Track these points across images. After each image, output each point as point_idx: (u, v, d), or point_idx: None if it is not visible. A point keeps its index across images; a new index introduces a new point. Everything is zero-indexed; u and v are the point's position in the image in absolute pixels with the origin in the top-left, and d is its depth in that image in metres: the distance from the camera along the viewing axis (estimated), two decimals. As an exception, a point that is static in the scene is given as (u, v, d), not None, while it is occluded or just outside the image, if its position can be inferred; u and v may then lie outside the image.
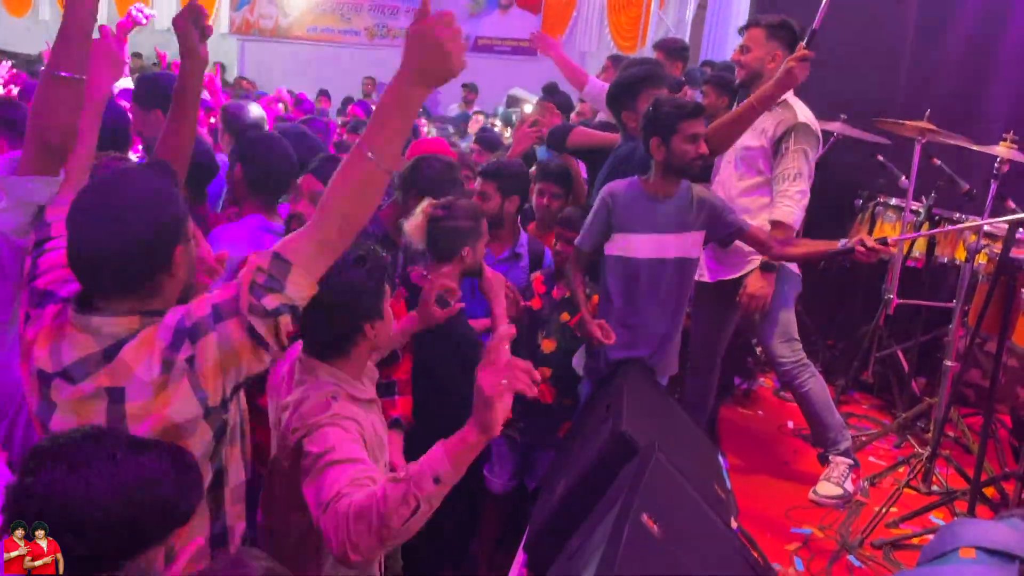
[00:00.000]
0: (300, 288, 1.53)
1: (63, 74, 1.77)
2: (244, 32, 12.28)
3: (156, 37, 11.64)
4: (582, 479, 2.28)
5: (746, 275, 3.36)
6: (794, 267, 3.48)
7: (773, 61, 3.36)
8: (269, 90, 9.47)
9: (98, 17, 1.89)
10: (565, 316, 2.94)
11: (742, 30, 3.54)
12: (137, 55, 8.92)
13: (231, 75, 10.98)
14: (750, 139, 3.36)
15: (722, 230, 2.97)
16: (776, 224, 3.25)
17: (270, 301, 1.50)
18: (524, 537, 2.39)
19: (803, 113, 3.30)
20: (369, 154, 1.55)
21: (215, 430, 1.57)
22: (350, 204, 1.57)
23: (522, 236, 3.45)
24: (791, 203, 3.23)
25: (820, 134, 3.39)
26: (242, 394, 1.69)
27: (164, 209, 1.54)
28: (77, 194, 1.57)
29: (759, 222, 3.30)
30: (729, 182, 3.47)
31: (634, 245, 2.87)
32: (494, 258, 3.26)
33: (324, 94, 9.34)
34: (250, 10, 12.20)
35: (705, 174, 3.64)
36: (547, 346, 2.95)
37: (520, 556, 2.34)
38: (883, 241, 2.83)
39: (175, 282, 1.58)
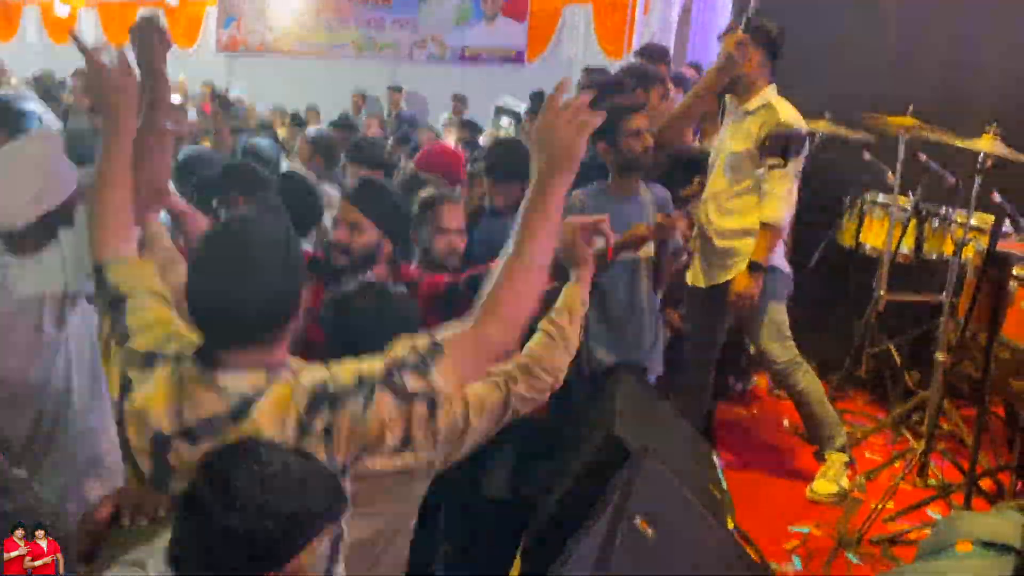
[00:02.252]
0: (446, 380, 1.48)
1: None
2: (231, 49, 12.30)
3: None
4: (576, 485, 2.28)
5: (732, 280, 3.39)
6: (785, 266, 3.50)
7: (751, 65, 3.39)
8: (259, 106, 9.49)
9: (86, 37, 1.87)
10: None
11: (720, 39, 3.62)
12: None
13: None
14: (736, 144, 3.39)
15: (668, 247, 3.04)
16: (766, 224, 3.27)
17: (413, 383, 1.46)
18: (520, 544, 2.39)
19: (785, 113, 3.33)
20: (528, 259, 1.56)
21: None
22: (514, 307, 1.56)
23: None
24: (780, 203, 3.26)
25: (805, 132, 3.41)
26: None
27: (292, 252, 1.48)
28: (199, 242, 1.53)
29: (744, 224, 3.33)
30: (718, 185, 3.49)
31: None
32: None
33: (313, 110, 9.34)
34: (237, 27, 12.21)
35: (687, 177, 3.66)
36: None
37: (517, 563, 2.33)
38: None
39: (295, 328, 1.53)
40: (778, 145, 3.20)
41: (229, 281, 1.42)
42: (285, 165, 4.26)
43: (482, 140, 6.04)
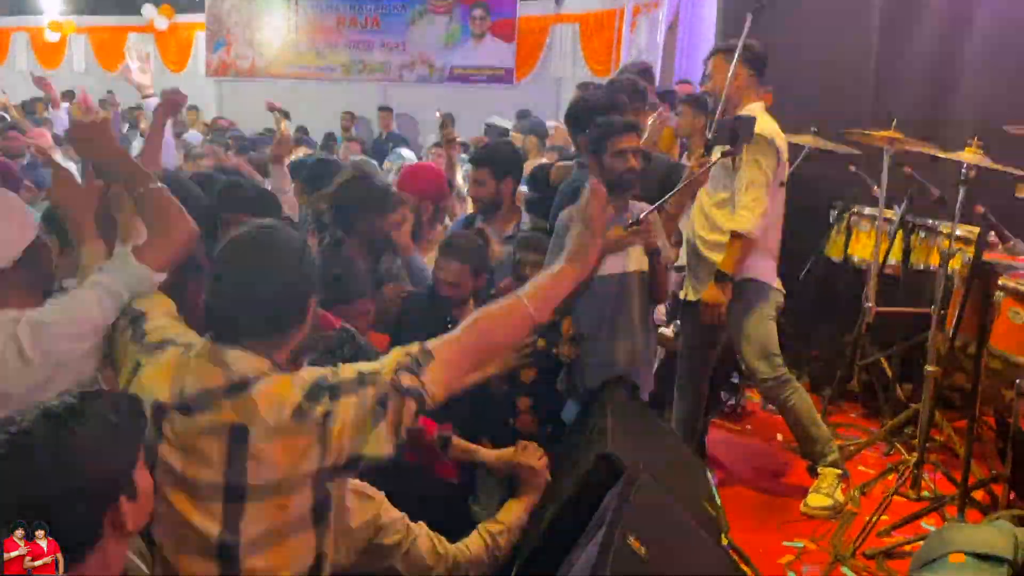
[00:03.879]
0: (434, 381, 1.60)
1: None
2: (221, 73, 12.34)
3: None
4: (569, 504, 2.27)
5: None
6: (775, 282, 3.51)
7: (737, 79, 3.42)
8: (246, 129, 9.50)
9: (76, 63, 1.90)
10: (542, 342, 2.94)
11: (705, 61, 3.64)
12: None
13: (207, 116, 11.01)
14: (716, 156, 3.41)
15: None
16: (734, 234, 3.31)
17: (406, 380, 1.57)
18: (514, 566, 2.38)
19: (761, 125, 3.36)
20: (529, 306, 1.71)
21: (317, 497, 1.58)
22: (497, 333, 1.73)
23: (523, 215, 3.56)
24: (746, 212, 3.30)
25: (781, 144, 3.42)
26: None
27: (304, 260, 1.63)
28: (226, 241, 1.64)
29: (728, 236, 3.36)
30: (705, 200, 3.52)
31: (600, 262, 2.91)
32: (501, 235, 3.36)
33: (302, 131, 9.36)
34: (226, 51, 12.26)
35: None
36: (526, 375, 2.95)
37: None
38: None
39: (302, 336, 1.65)
40: (726, 131, 3.22)
41: (247, 276, 1.57)
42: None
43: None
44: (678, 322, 3.81)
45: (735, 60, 3.41)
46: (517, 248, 3.14)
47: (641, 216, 2.80)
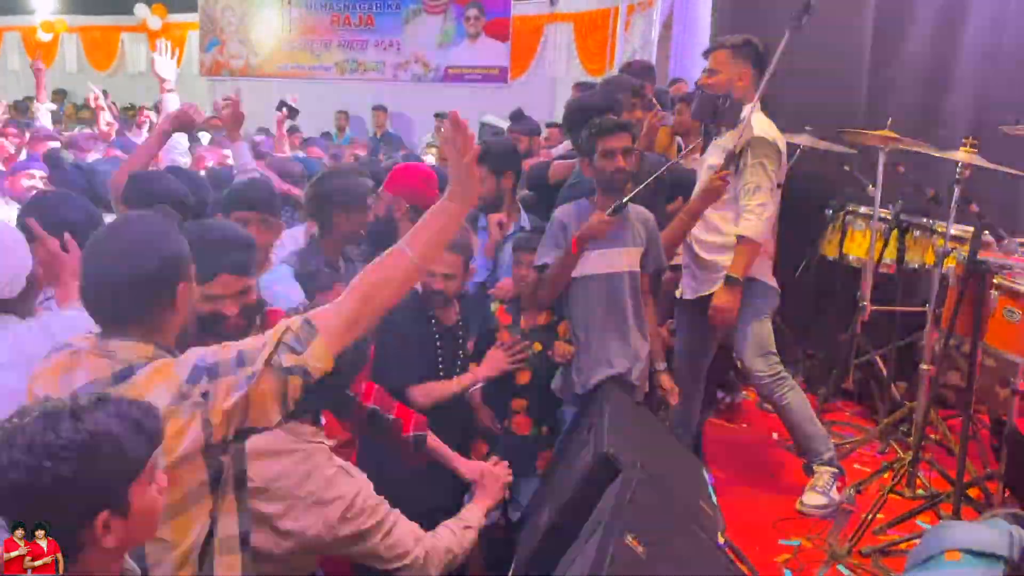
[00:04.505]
0: (318, 357, 1.62)
1: None
2: (214, 73, 12.31)
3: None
4: (567, 504, 2.28)
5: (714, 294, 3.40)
6: (771, 281, 3.52)
7: (741, 80, 3.41)
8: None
9: (68, 63, 1.96)
10: (538, 346, 2.94)
11: (707, 54, 3.59)
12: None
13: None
14: (714, 158, 3.41)
15: (650, 264, 3.08)
16: (741, 239, 3.30)
17: (287, 359, 1.60)
18: (511, 568, 2.38)
19: (760, 127, 3.36)
20: (409, 252, 1.72)
21: (211, 471, 1.62)
22: (382, 290, 1.71)
23: (523, 211, 3.56)
24: (753, 217, 3.29)
25: (782, 146, 3.44)
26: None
27: (167, 247, 1.67)
28: (93, 235, 1.71)
29: (726, 238, 3.35)
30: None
31: (590, 263, 2.92)
32: (502, 233, 3.37)
33: (295, 130, 9.34)
34: (220, 51, 12.24)
35: (672, 194, 3.70)
36: (522, 378, 2.95)
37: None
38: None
39: (176, 319, 1.69)
40: (708, 108, 3.20)
41: (105, 263, 1.64)
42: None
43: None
44: (673, 321, 3.82)
45: (740, 58, 3.39)
46: (513, 248, 3.14)
47: (624, 200, 2.80)
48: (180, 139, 4.31)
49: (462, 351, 2.91)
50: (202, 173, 4.25)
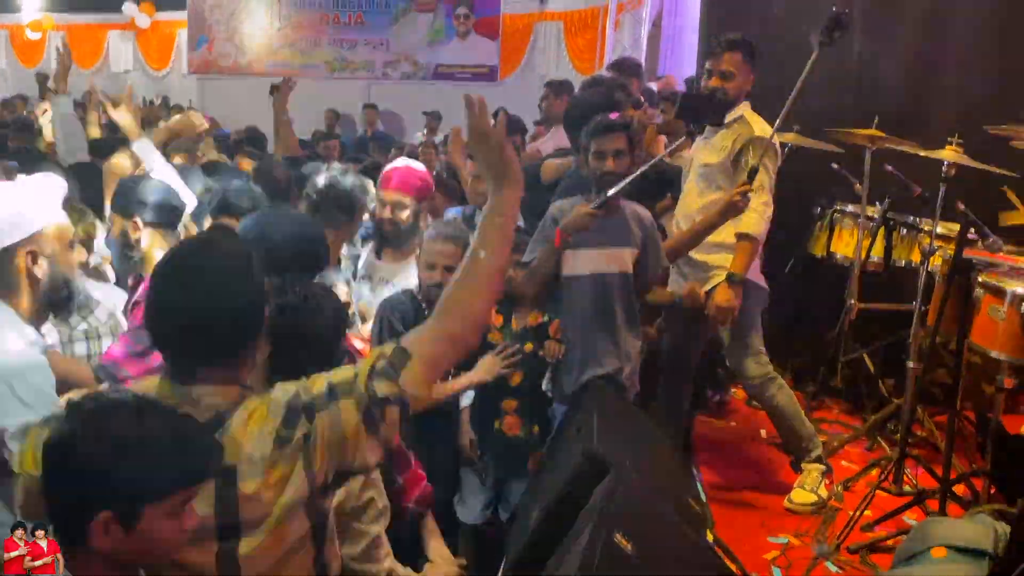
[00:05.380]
0: (415, 382, 1.51)
1: None
2: (203, 71, 12.26)
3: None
4: (556, 504, 2.28)
5: (714, 287, 3.41)
6: (761, 281, 3.53)
7: (747, 85, 3.41)
8: (230, 127, 9.44)
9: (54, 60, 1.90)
10: (529, 346, 2.95)
11: (717, 53, 3.43)
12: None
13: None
14: (709, 156, 3.42)
15: (651, 266, 3.03)
16: (743, 236, 3.30)
17: (382, 388, 1.49)
18: (501, 567, 2.39)
19: (760, 127, 3.36)
20: (483, 254, 1.62)
21: (314, 520, 1.52)
22: (473, 303, 1.62)
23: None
24: (756, 215, 3.29)
25: (779, 146, 3.45)
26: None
27: (255, 272, 1.51)
28: (161, 261, 1.53)
29: (722, 237, 3.36)
30: (689, 197, 3.53)
31: (580, 263, 2.92)
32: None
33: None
34: (208, 49, 12.19)
35: (661, 191, 3.70)
36: (513, 379, 2.95)
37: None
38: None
39: (263, 352, 1.55)
40: (692, 108, 3.16)
41: (194, 297, 1.44)
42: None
43: None
44: (662, 319, 3.83)
45: (750, 62, 3.38)
46: None
47: (609, 193, 2.79)
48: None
49: None
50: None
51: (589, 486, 2.19)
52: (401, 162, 3.49)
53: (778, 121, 3.16)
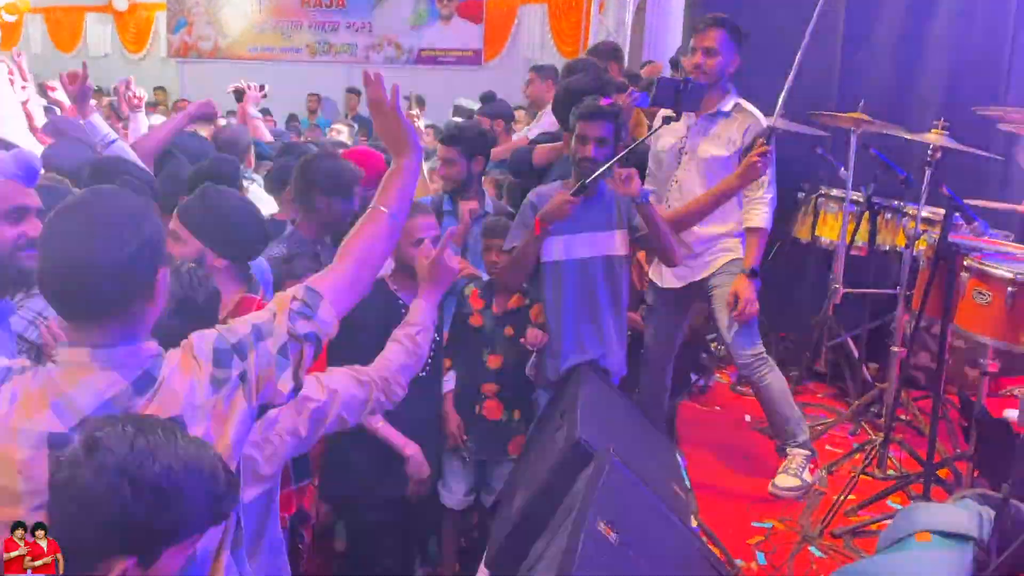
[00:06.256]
0: (328, 320, 1.62)
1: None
2: (183, 55, 12.11)
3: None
4: (540, 490, 2.27)
5: (712, 275, 3.39)
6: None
7: (732, 65, 3.37)
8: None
9: (33, 44, 1.81)
10: (509, 330, 2.92)
11: (701, 31, 3.39)
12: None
13: (171, 98, 10.80)
14: (716, 148, 3.37)
15: (653, 240, 2.98)
16: (754, 231, 3.30)
17: (302, 326, 1.57)
18: (484, 553, 2.37)
19: (763, 117, 3.35)
20: (384, 209, 1.79)
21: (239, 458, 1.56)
22: (372, 250, 1.77)
23: (487, 196, 3.53)
24: (766, 208, 3.30)
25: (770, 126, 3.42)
26: None
27: (144, 228, 1.42)
28: (50, 215, 1.44)
29: (728, 228, 3.34)
30: (693, 192, 3.43)
31: (562, 248, 2.89)
32: (471, 216, 3.32)
33: (267, 113, 9.23)
34: (187, 32, 12.03)
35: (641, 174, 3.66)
36: (493, 362, 2.93)
37: (482, 572, 2.31)
38: None
39: (155, 310, 1.46)
40: (670, 92, 3.10)
41: (73, 250, 1.37)
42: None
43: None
44: (645, 306, 3.81)
45: (735, 41, 3.33)
46: (482, 234, 3.11)
47: (587, 181, 2.76)
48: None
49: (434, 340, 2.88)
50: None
51: (573, 472, 2.17)
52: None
53: (778, 108, 3.15)
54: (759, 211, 3.30)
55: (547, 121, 4.22)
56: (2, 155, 1.89)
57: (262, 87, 4.89)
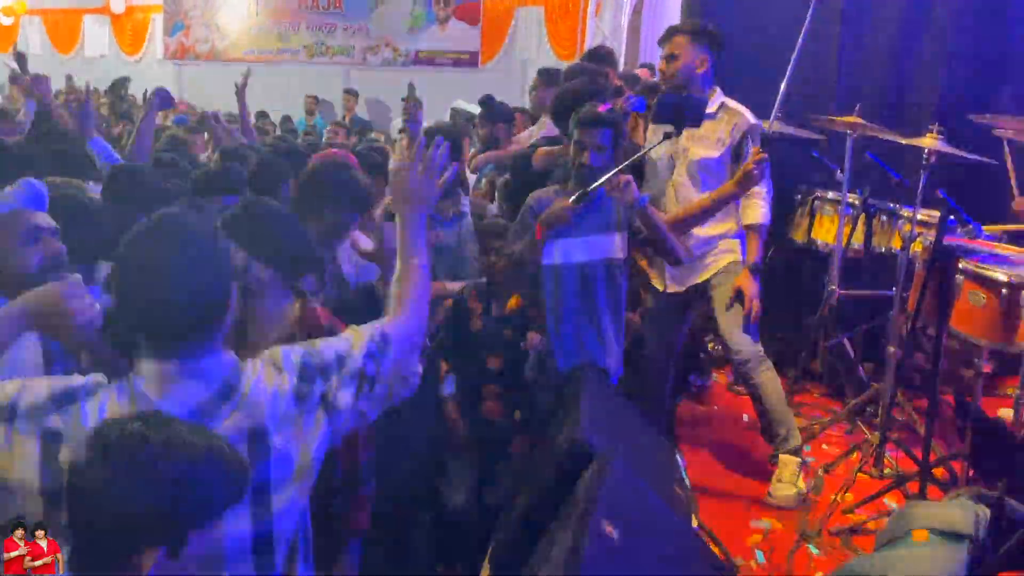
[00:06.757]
0: (387, 372, 1.63)
1: None
2: (179, 57, 12.10)
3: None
4: (542, 490, 2.29)
5: (713, 276, 3.42)
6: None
7: (701, 66, 3.40)
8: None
9: (31, 45, 1.82)
10: (508, 332, 2.95)
11: (663, 41, 3.51)
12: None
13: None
14: (706, 150, 3.40)
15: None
16: (752, 227, 3.33)
17: (369, 368, 1.60)
18: (487, 554, 2.39)
19: (750, 114, 3.38)
20: (413, 259, 1.79)
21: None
22: (419, 302, 1.77)
23: (462, 196, 3.56)
24: (763, 203, 3.33)
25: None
26: None
27: (216, 248, 1.49)
28: (126, 242, 1.46)
29: (727, 227, 3.36)
30: (690, 196, 3.46)
31: (562, 251, 2.91)
32: (441, 219, 3.35)
33: (264, 116, 9.24)
34: (185, 35, 12.03)
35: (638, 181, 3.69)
36: (493, 363, 2.95)
37: (484, 572, 2.34)
38: None
39: (229, 321, 1.51)
40: (669, 109, 3.14)
41: (167, 278, 1.41)
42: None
43: None
44: (645, 307, 3.84)
45: (698, 43, 3.37)
46: (481, 236, 3.13)
47: (589, 190, 2.78)
48: None
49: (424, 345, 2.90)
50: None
51: (575, 473, 2.19)
52: None
53: (774, 111, 3.18)
54: (756, 207, 3.33)
55: (550, 126, 4.24)
56: (7, 190, 1.96)
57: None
